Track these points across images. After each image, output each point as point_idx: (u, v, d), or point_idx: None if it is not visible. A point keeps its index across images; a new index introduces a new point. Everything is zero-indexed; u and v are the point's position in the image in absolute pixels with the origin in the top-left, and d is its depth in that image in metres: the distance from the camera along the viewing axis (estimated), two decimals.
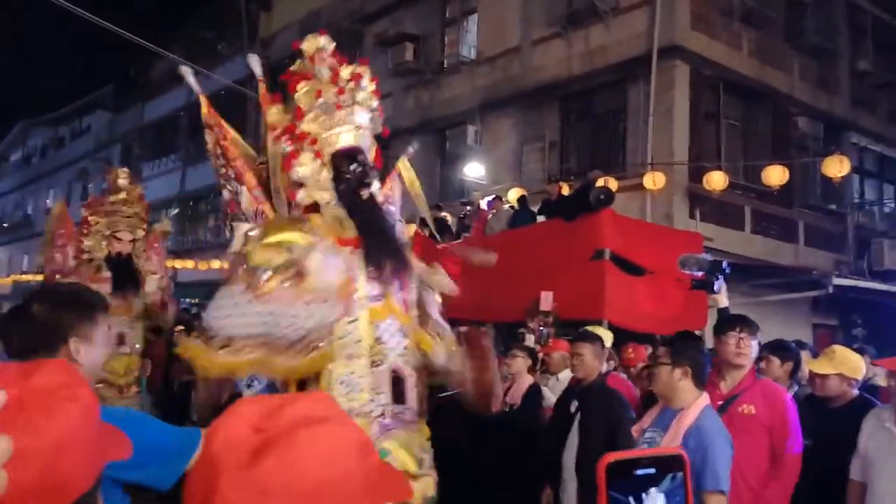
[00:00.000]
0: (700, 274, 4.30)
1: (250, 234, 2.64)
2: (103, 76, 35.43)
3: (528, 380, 5.39)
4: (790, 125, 13.79)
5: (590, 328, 5.37)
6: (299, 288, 2.49)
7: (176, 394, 9.12)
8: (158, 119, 27.39)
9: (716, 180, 11.06)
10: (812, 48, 13.96)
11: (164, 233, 6.37)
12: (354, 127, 2.82)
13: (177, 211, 14.47)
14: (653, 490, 0.86)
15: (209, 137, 3.07)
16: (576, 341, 4.41)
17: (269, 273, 2.46)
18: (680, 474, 0.88)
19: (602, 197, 8.59)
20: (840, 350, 4.02)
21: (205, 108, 3.09)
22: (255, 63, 3.32)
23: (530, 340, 7.50)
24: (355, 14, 18.08)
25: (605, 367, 4.82)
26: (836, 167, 10.63)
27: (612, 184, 10.80)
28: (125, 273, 5.39)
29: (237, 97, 20.28)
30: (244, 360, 2.38)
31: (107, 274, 5.34)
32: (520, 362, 5.44)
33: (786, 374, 4.34)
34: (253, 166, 3.03)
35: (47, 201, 34.90)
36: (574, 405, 4.15)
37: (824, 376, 3.97)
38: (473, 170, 14.21)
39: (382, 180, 3.08)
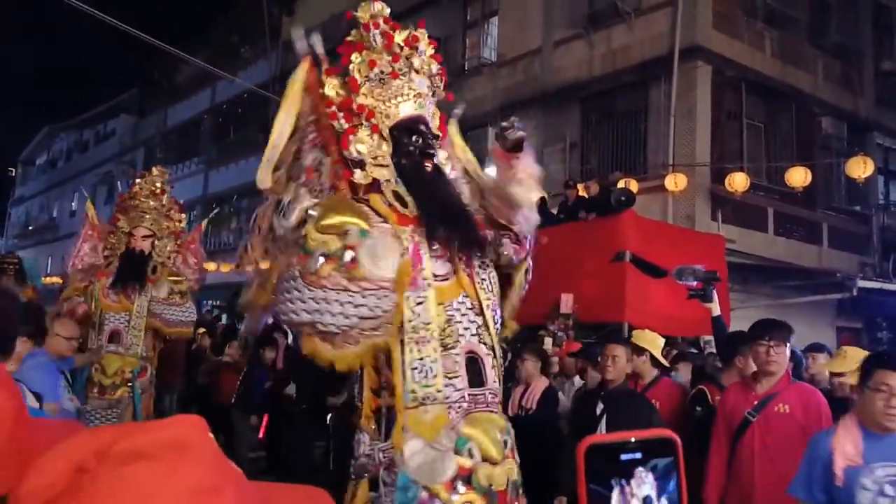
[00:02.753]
0: (695, 284, 4.38)
1: (311, 212, 2.47)
2: (128, 80, 35.91)
3: (543, 382, 5.30)
4: (814, 125, 13.64)
5: (640, 332, 5.27)
6: (351, 274, 2.35)
7: (195, 395, 9.25)
8: (182, 123, 27.72)
9: (738, 181, 10.97)
10: (836, 48, 13.82)
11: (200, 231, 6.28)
12: (414, 95, 2.67)
13: (217, 211, 14.19)
14: (639, 470, 0.79)
15: (306, 100, 2.73)
16: (609, 343, 4.32)
17: (323, 259, 2.35)
18: (667, 460, 0.80)
19: (623, 198, 8.57)
20: (850, 350, 4.04)
21: (308, 68, 2.74)
22: (299, 37, 3.13)
23: (548, 344, 7.47)
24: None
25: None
26: (860, 168, 10.51)
27: (634, 185, 10.76)
28: (130, 270, 5.25)
29: (260, 100, 20.45)
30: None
31: (112, 269, 5.28)
32: (529, 365, 5.32)
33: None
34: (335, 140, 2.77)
35: (72, 205, 35.43)
36: (600, 407, 4.09)
37: (841, 374, 3.97)
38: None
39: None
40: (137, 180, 5.63)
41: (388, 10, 2.78)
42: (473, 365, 2.52)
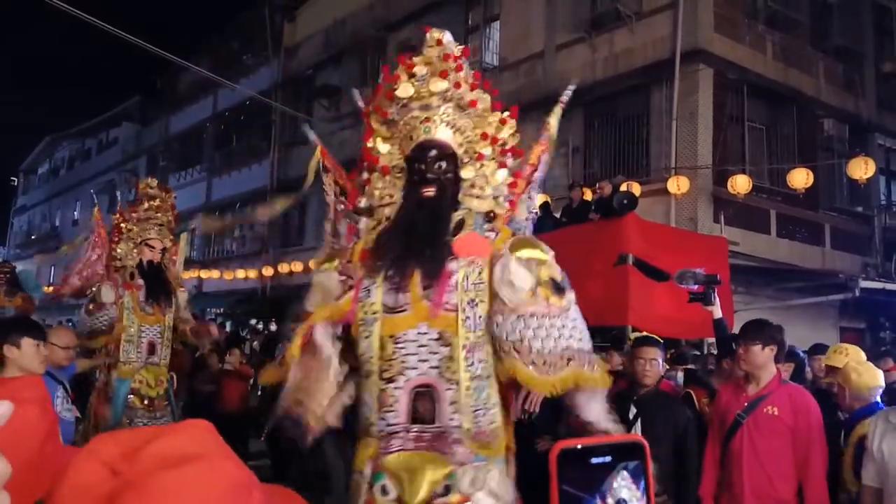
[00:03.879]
0: (696, 287, 4.40)
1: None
2: (130, 89, 36.07)
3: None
4: (815, 127, 13.67)
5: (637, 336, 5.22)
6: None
7: (199, 404, 9.26)
8: (184, 131, 27.76)
9: (740, 184, 10.98)
10: (837, 50, 13.84)
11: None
12: (420, 122, 2.60)
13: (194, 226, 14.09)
14: (616, 472, 0.82)
15: (327, 181, 2.96)
16: (645, 346, 4.18)
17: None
18: (635, 463, 0.83)
19: (625, 201, 8.56)
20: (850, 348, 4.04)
21: (320, 154, 2.98)
22: (310, 132, 3.20)
23: None
24: (378, 22, 18.23)
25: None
26: (862, 169, 10.52)
27: (636, 188, 10.76)
28: (157, 282, 5.35)
29: (262, 107, 20.50)
30: None
31: (140, 281, 5.32)
32: None
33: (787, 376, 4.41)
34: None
35: (74, 213, 35.50)
36: (633, 412, 3.99)
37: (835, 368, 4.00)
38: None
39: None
40: (153, 191, 5.64)
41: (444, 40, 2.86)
42: (426, 399, 2.38)
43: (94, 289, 5.34)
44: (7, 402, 0.78)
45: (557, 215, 10.81)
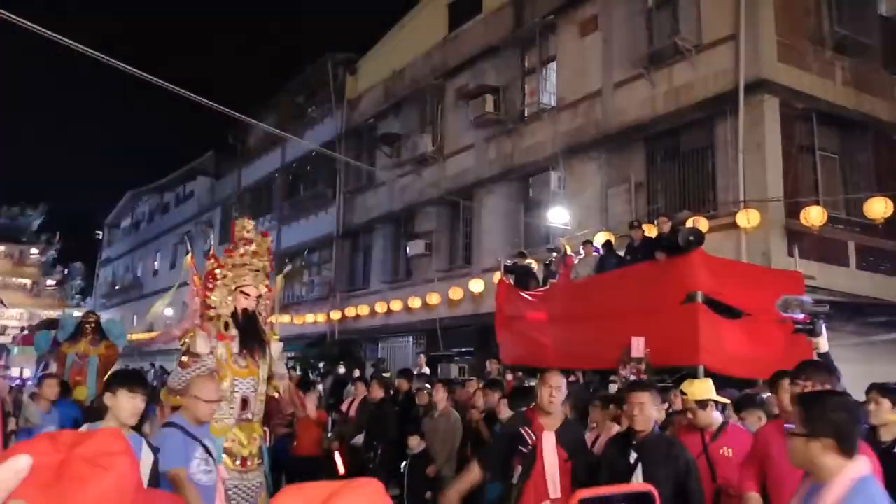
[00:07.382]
0: (802, 317, 4.12)
1: None
2: (204, 145, 37.61)
3: (614, 429, 5.28)
4: (894, 154, 13.11)
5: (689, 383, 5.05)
6: None
7: (275, 447, 9.35)
8: (255, 182, 28.69)
9: (814, 215, 10.60)
10: None
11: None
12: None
13: (290, 267, 13.83)
14: None
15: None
16: (633, 391, 4.06)
17: None
18: None
19: (691, 238, 8.34)
20: None
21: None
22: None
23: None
24: (437, 70, 18.56)
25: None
26: None
27: (703, 223, 10.50)
28: (252, 332, 4.97)
29: (327, 157, 21.03)
30: None
31: (233, 332, 4.91)
32: (596, 413, 5.46)
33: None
34: None
35: (154, 263, 36.97)
36: (633, 457, 3.91)
37: None
38: (557, 215, 14.14)
39: None
40: (248, 234, 5.32)
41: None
42: None
43: (187, 340, 4.87)
44: (25, 456, 0.80)
45: (621, 253, 10.64)
